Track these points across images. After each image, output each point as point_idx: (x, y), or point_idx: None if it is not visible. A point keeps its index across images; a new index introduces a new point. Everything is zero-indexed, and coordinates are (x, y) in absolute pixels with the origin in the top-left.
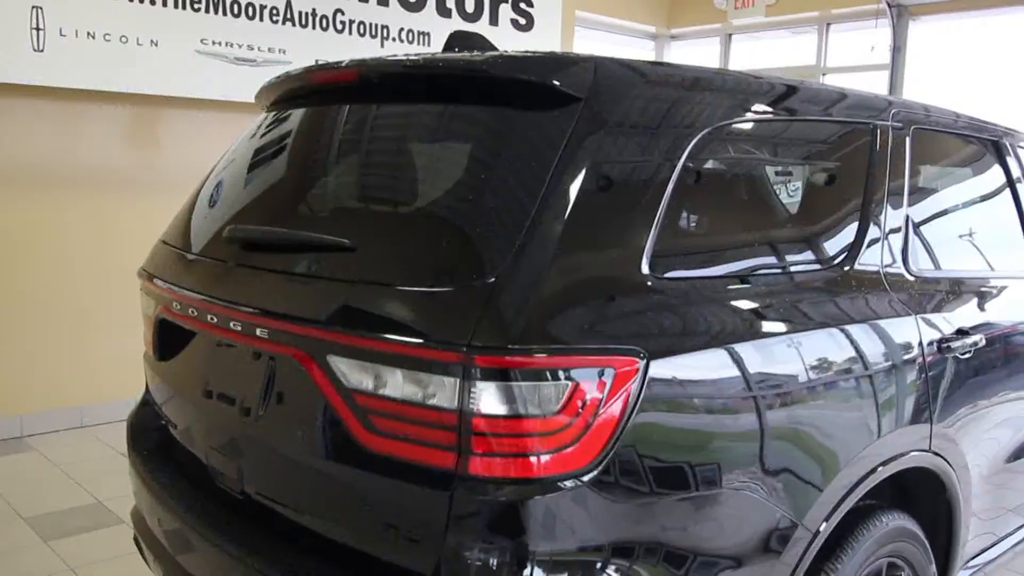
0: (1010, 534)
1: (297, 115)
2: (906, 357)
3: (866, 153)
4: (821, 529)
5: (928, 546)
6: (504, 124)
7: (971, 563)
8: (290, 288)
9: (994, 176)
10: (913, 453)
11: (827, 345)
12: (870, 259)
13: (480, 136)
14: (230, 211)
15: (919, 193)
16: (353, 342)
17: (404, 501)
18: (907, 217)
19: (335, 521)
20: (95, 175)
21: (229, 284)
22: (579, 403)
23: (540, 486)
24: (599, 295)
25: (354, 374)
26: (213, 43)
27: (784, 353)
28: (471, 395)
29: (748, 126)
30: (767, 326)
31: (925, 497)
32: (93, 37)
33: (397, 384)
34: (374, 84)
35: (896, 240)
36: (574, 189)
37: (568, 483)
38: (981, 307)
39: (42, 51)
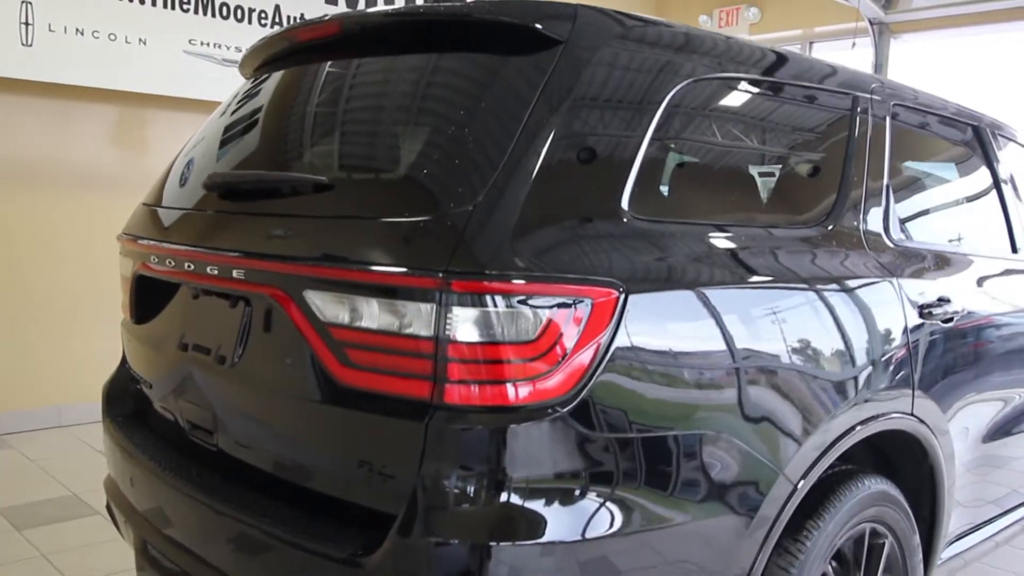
0: (993, 519)
1: (279, 75)
2: (886, 317)
3: (848, 120)
4: (799, 486)
5: (911, 515)
6: (485, 67)
7: (954, 545)
8: (267, 228)
9: (975, 160)
10: (894, 416)
11: (805, 298)
12: (851, 221)
13: (460, 78)
14: (209, 165)
15: (899, 168)
16: (330, 274)
17: (380, 435)
18: (887, 187)
19: (309, 464)
20: (81, 173)
21: (207, 230)
22: (556, 332)
23: (516, 415)
24: (578, 229)
25: (330, 308)
26: (201, 44)
27: (762, 303)
28: (447, 322)
29: (731, 82)
30: (746, 275)
31: (908, 468)
32: (82, 34)
33: (373, 315)
34: (356, 36)
35: (876, 207)
36: (553, 127)
37: (545, 412)
38: (961, 281)
39: (30, 46)
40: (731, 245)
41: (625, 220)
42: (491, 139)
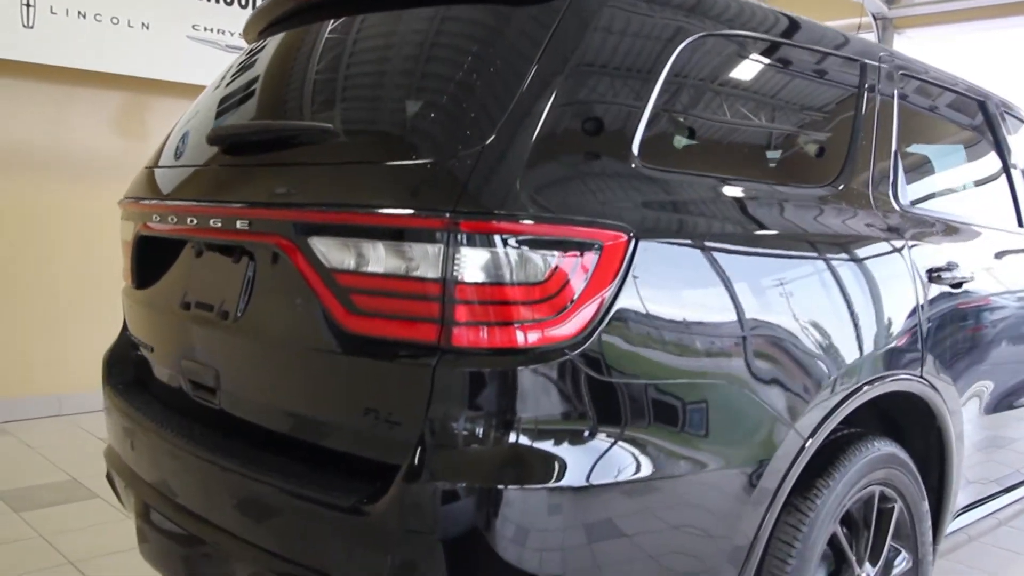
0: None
1: (282, 35)
2: (894, 278)
3: (856, 87)
4: (807, 445)
5: (920, 481)
6: (494, 10)
7: (961, 517)
8: (271, 178)
9: (983, 136)
10: (903, 376)
11: (813, 255)
12: (860, 182)
13: (468, 23)
14: (212, 123)
15: (908, 137)
16: (336, 219)
17: (386, 381)
18: (896, 155)
19: (313, 416)
20: (81, 159)
21: (210, 184)
22: (565, 274)
23: (524, 357)
24: (587, 174)
25: (335, 254)
26: (205, 29)
27: (771, 257)
28: (455, 263)
29: (744, 40)
30: (755, 228)
31: (916, 436)
32: (84, 16)
33: (380, 259)
34: None
35: (885, 172)
36: (563, 71)
37: (553, 355)
38: (970, 249)
39: (32, 27)
40: (741, 199)
41: (635, 167)
42: (501, 82)
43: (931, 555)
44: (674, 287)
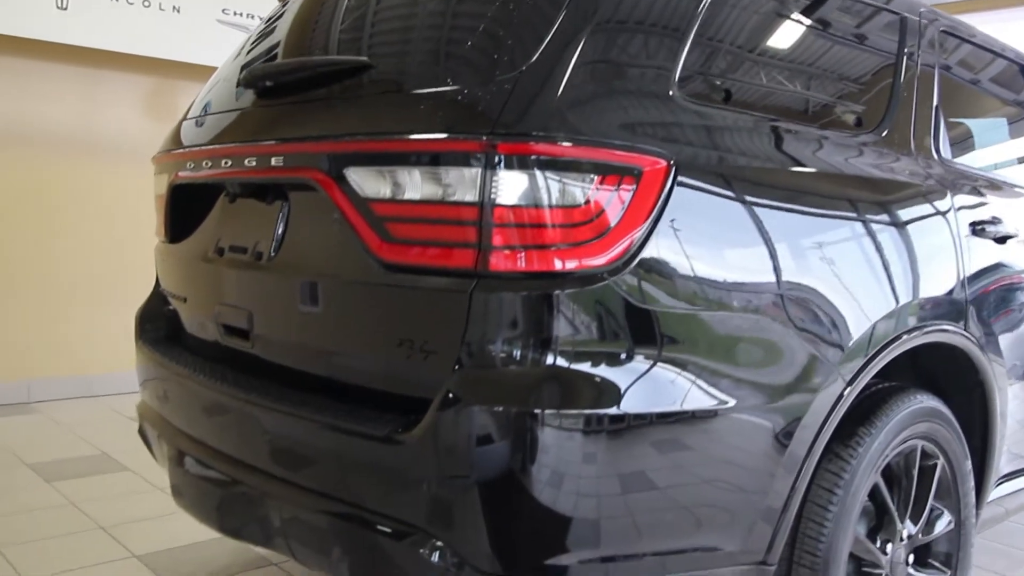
0: None
1: None
2: (937, 227)
3: (897, 37)
4: (845, 393)
5: (963, 439)
6: None
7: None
8: (306, 114)
9: None
10: (946, 327)
11: (853, 196)
12: (903, 131)
13: None
14: (246, 68)
15: (949, 94)
16: (371, 148)
17: (422, 310)
18: (937, 109)
19: (348, 352)
20: (113, 140)
21: (245, 126)
22: (604, 199)
23: (562, 281)
24: (628, 99)
25: (371, 184)
26: (234, 14)
27: (811, 197)
28: (492, 186)
29: None
30: (795, 166)
31: (960, 396)
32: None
33: (416, 185)
34: None
35: (928, 124)
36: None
37: (590, 280)
38: (1013, 207)
39: (65, 9)
40: (781, 138)
41: (675, 98)
42: (539, 7)
43: (974, 517)
44: (713, 218)
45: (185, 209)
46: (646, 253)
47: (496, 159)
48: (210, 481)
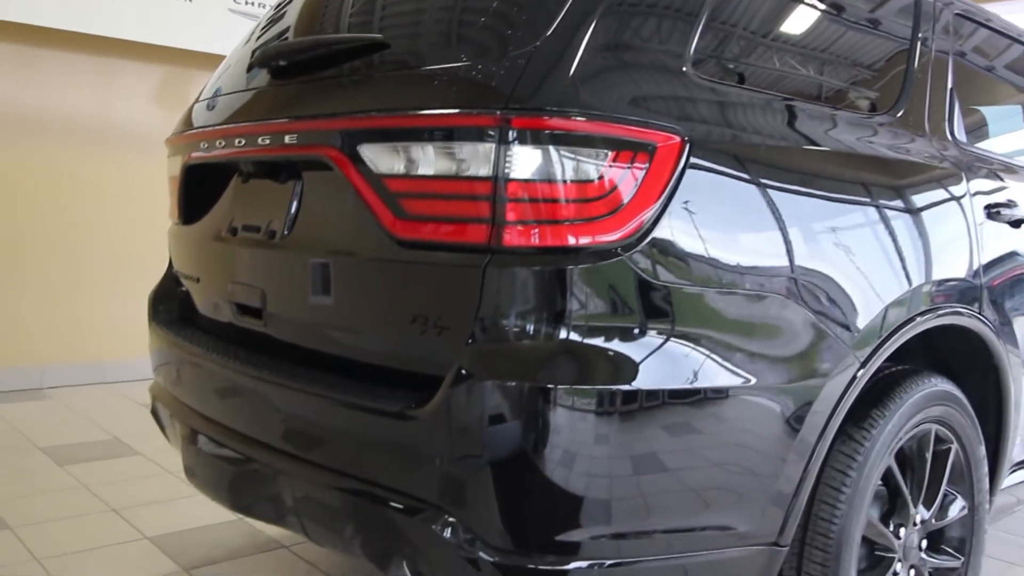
0: None
1: None
2: (952, 208)
3: (911, 18)
4: (859, 375)
5: (977, 424)
6: None
7: (1016, 472)
8: (320, 92)
9: None
10: (960, 310)
11: (867, 176)
12: (918, 113)
13: None
14: (259, 49)
15: (963, 76)
16: (385, 124)
17: (435, 286)
18: (952, 91)
19: (359, 329)
20: (125, 130)
21: (258, 105)
22: (617, 174)
23: (575, 256)
24: (642, 75)
25: (384, 160)
26: (246, 3)
27: (824, 175)
28: (506, 160)
29: None
30: (808, 145)
31: (973, 380)
32: None
33: (430, 161)
34: None
35: (942, 106)
36: None
37: (604, 255)
38: None
39: None
40: (794, 117)
41: (689, 75)
42: None
43: (987, 503)
44: (727, 196)
45: (198, 191)
46: (659, 229)
47: (510, 134)
48: (223, 459)
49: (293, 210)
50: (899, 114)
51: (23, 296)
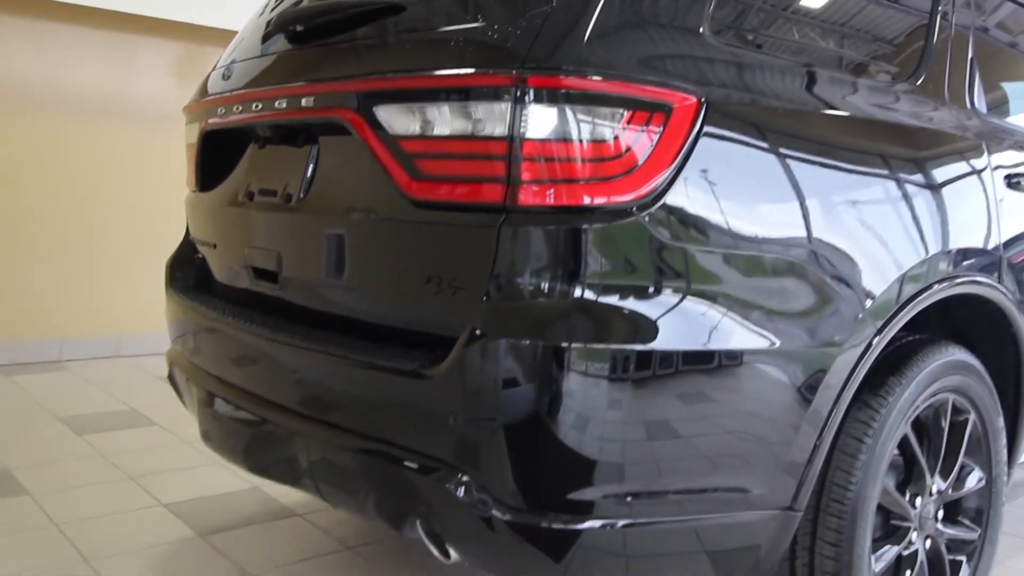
0: None
1: None
2: (971, 178)
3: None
4: (874, 342)
5: (996, 395)
6: None
7: None
8: (337, 54)
9: None
10: (979, 279)
11: (886, 142)
12: (938, 81)
13: None
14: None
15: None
16: (401, 85)
17: (450, 247)
18: (972, 60)
19: (374, 290)
20: (144, 105)
21: (275, 70)
22: (634, 134)
23: (591, 216)
24: (659, 36)
25: (400, 121)
26: None
27: (843, 140)
28: (522, 120)
29: None
30: (830, 110)
31: (992, 353)
32: None
33: (445, 121)
34: None
35: (962, 75)
36: None
37: (619, 215)
38: None
39: None
40: (813, 82)
41: (706, 36)
42: None
43: (1005, 475)
44: (743, 158)
45: (215, 158)
46: (675, 190)
47: (526, 93)
48: (239, 421)
49: (309, 174)
50: (919, 82)
51: (42, 271)
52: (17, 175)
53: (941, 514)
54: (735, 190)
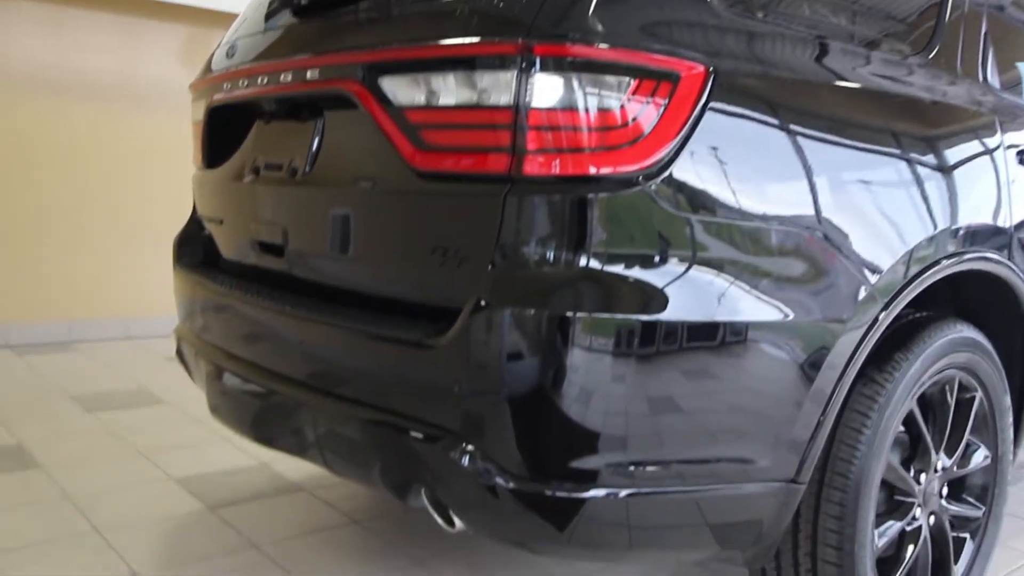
0: None
1: None
2: (983, 151)
3: None
4: (880, 317)
5: (1003, 373)
6: None
7: None
8: (342, 27)
9: None
10: (988, 255)
11: (896, 115)
12: (951, 55)
13: None
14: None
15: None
16: (406, 55)
17: (455, 218)
18: (985, 35)
19: (379, 263)
20: (149, 89)
21: (281, 43)
22: (640, 103)
23: (597, 185)
24: (667, 5)
25: (405, 92)
26: None
27: (853, 113)
28: (528, 89)
29: None
30: (837, 80)
31: (1001, 331)
32: None
33: (451, 91)
34: None
35: (975, 50)
36: None
37: (625, 184)
38: None
39: None
40: (823, 53)
41: (714, 4)
42: None
43: (1011, 454)
44: (752, 128)
45: (221, 134)
46: (682, 160)
47: (532, 62)
48: (246, 393)
49: (315, 147)
50: (931, 56)
51: (50, 252)
52: (26, 159)
53: (946, 491)
54: (743, 161)
